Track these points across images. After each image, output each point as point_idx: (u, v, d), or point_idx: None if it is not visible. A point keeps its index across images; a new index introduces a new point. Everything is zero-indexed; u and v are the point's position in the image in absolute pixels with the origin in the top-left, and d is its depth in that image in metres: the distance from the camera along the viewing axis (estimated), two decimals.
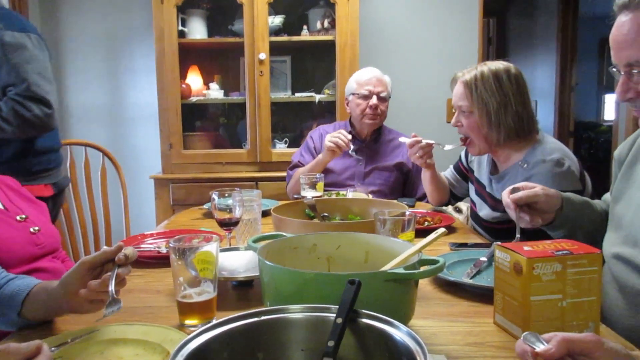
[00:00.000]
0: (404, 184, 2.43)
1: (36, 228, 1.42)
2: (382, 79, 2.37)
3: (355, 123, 2.43)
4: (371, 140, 2.42)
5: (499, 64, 1.64)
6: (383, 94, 2.34)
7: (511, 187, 1.27)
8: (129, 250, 0.94)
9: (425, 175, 2.00)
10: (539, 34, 5.71)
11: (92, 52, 3.34)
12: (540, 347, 0.64)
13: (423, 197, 2.25)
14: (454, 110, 1.75)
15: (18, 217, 1.40)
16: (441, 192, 2.02)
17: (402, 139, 2.03)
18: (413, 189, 2.42)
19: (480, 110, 1.61)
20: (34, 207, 1.51)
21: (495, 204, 1.68)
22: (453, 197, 2.06)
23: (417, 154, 1.89)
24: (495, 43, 5.91)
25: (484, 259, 1.28)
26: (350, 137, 2.17)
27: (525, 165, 1.58)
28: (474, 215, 1.84)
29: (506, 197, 1.24)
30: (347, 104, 2.44)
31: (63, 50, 3.33)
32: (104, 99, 3.39)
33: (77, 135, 3.32)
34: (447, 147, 1.88)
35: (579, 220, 1.28)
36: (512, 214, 1.24)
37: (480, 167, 1.84)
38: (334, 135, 2.16)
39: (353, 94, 2.38)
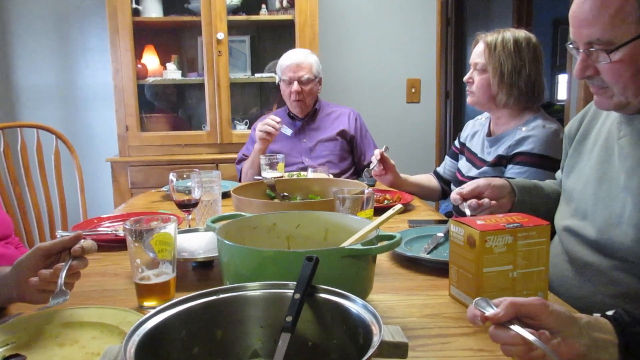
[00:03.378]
0: (350, 151, 2.48)
1: None
2: (301, 63, 2.37)
3: (289, 108, 2.48)
4: (309, 118, 2.47)
5: (521, 32, 1.73)
6: (305, 77, 2.35)
7: (456, 189, 1.31)
8: (87, 243, 0.91)
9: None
10: (496, 15, 5.80)
11: (42, 30, 3.20)
12: (489, 312, 0.67)
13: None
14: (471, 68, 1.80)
15: None
16: (421, 190, 2.04)
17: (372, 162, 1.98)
18: (361, 153, 2.48)
19: (495, 70, 1.69)
20: None
21: (483, 165, 1.76)
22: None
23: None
24: (454, 24, 5.98)
25: (440, 234, 1.31)
26: (279, 119, 2.18)
27: (523, 128, 1.68)
28: (458, 182, 1.87)
29: (453, 194, 1.28)
30: (279, 88, 2.49)
31: (10, 28, 3.18)
32: (56, 79, 3.26)
33: (28, 117, 3.19)
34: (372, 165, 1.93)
35: (534, 204, 1.32)
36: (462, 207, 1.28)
37: (474, 137, 1.90)
38: (263, 123, 2.18)
39: (280, 79, 2.43)
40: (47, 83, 3.25)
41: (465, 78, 1.80)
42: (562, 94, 7.06)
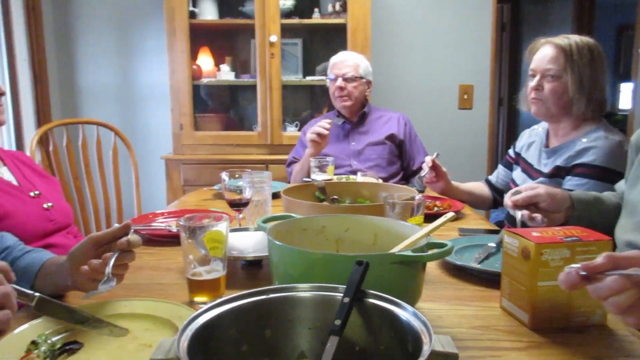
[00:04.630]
0: (399, 155, 2.46)
1: (49, 204, 1.44)
2: (348, 61, 2.42)
3: (336, 108, 2.50)
4: (358, 122, 2.47)
5: (588, 38, 1.64)
6: (349, 75, 2.38)
7: (513, 189, 1.27)
8: (133, 237, 0.94)
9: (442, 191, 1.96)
10: (554, 21, 5.61)
11: (104, 32, 3.34)
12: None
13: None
14: (530, 74, 1.70)
15: (31, 193, 1.42)
16: (473, 198, 2.00)
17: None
18: (410, 158, 2.46)
19: (574, 77, 1.60)
20: (47, 183, 1.52)
21: (539, 176, 1.70)
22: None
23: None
24: (509, 29, 5.84)
25: (492, 244, 1.28)
26: (329, 120, 2.21)
27: (584, 139, 1.60)
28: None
29: (507, 199, 1.24)
30: (329, 90, 2.50)
31: (74, 29, 3.34)
32: (116, 78, 3.39)
33: (89, 115, 3.34)
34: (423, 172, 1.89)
35: (592, 219, 1.27)
36: (512, 212, 1.24)
37: (530, 147, 1.84)
38: (313, 127, 2.19)
39: (328, 78, 2.46)
40: (108, 82, 3.39)
41: (532, 85, 1.67)
42: (623, 103, 6.75)
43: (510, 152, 1.97)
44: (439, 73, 3.36)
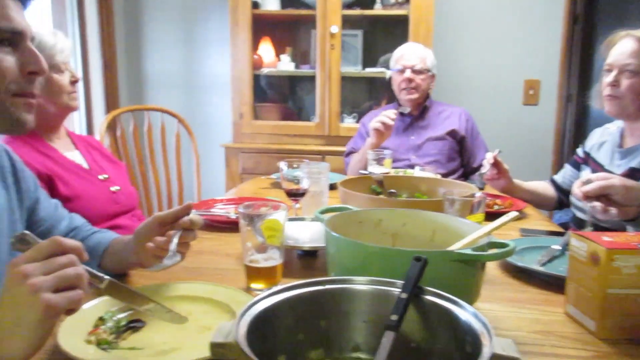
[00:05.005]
0: (460, 152, 2.40)
1: (116, 187, 1.50)
2: (416, 52, 2.37)
3: (400, 101, 2.44)
4: (419, 115, 2.43)
5: None
6: (418, 67, 2.34)
7: (585, 178, 1.20)
8: (195, 217, 0.97)
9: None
10: (634, 14, 5.28)
11: (170, 22, 3.44)
12: None
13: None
14: (605, 69, 1.61)
15: (100, 177, 1.49)
16: (536, 198, 1.92)
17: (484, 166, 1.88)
18: (471, 155, 2.40)
19: None
20: (114, 167, 1.59)
21: None
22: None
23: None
24: (582, 22, 5.53)
25: (557, 247, 1.22)
26: (395, 111, 2.17)
27: None
28: None
29: (575, 188, 1.18)
30: (391, 81, 2.46)
31: (143, 20, 3.46)
32: (180, 67, 3.50)
33: (154, 102, 3.46)
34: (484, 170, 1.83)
35: None
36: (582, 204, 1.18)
37: (602, 147, 1.75)
38: (378, 117, 2.15)
39: (392, 70, 2.42)
40: (172, 70, 3.50)
41: (608, 81, 1.57)
42: None
43: (579, 151, 1.87)
44: (503, 67, 3.24)
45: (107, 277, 0.76)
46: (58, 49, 1.39)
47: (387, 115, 2.12)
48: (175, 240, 0.94)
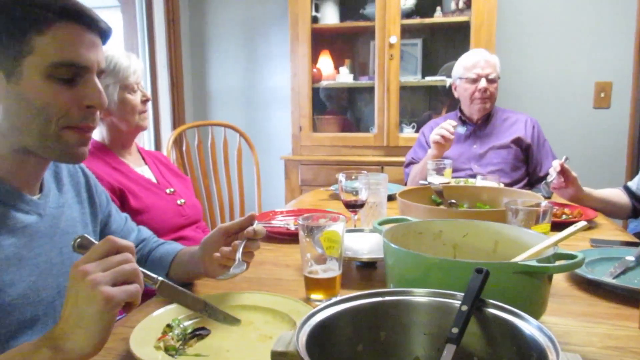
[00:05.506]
0: (525, 160, 2.31)
1: (182, 200, 1.57)
2: (489, 60, 2.28)
3: (465, 109, 2.37)
4: (482, 123, 2.35)
5: None
6: (492, 76, 2.26)
7: None
8: (258, 227, 1.00)
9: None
10: None
11: (233, 39, 3.56)
12: None
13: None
14: None
15: (167, 190, 1.56)
16: (608, 206, 1.82)
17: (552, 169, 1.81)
18: (537, 163, 2.30)
19: None
20: (180, 182, 1.66)
21: None
22: None
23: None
24: None
25: (631, 258, 1.16)
26: (455, 123, 2.10)
27: None
28: None
29: None
30: (455, 89, 2.39)
31: (208, 38, 3.60)
32: (241, 83, 3.60)
33: (217, 117, 3.58)
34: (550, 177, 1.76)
35: None
36: None
37: None
38: (438, 128, 2.11)
39: (460, 78, 2.33)
40: (234, 86, 3.62)
41: None
42: None
43: None
44: (572, 69, 3.10)
45: (160, 277, 0.80)
46: (132, 71, 1.48)
47: (446, 128, 2.08)
48: (241, 249, 0.97)
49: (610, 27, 3.03)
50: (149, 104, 1.56)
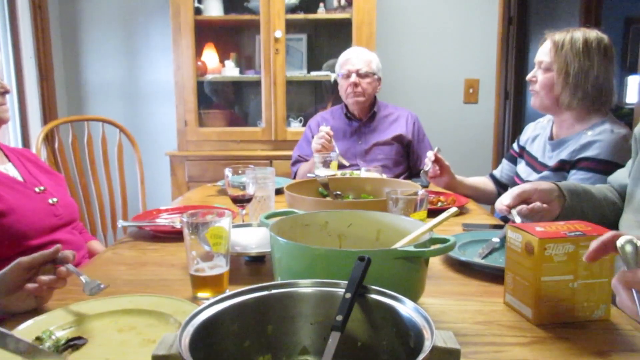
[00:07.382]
0: (406, 155, 2.45)
1: (54, 199, 1.44)
2: (361, 56, 2.39)
3: (347, 105, 2.47)
4: (367, 120, 2.45)
5: (592, 32, 1.65)
6: (363, 71, 2.35)
7: (502, 197, 1.27)
8: (64, 253, 0.95)
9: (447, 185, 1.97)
10: (562, 14, 5.56)
11: (109, 29, 3.34)
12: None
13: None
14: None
15: (36, 189, 1.43)
16: (477, 193, 2.00)
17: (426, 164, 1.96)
18: (417, 159, 2.44)
19: (560, 70, 1.63)
20: (51, 179, 1.53)
21: (544, 169, 1.70)
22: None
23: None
24: (517, 23, 5.77)
25: (496, 239, 1.27)
26: (327, 128, 2.18)
27: (589, 132, 1.61)
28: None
29: (498, 205, 1.26)
30: (339, 87, 2.47)
31: (80, 27, 3.34)
32: (121, 75, 3.40)
33: (94, 112, 3.35)
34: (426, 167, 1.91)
35: (584, 210, 1.28)
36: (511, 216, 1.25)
37: (535, 140, 1.84)
38: (316, 137, 2.18)
39: (338, 74, 2.43)
40: (113, 79, 3.40)
41: (528, 77, 1.73)
42: (631, 96, 6.67)
43: (515, 146, 1.96)
44: (445, 67, 3.34)
45: None
46: None
47: (323, 137, 2.15)
48: (81, 273, 0.95)
49: (476, 30, 3.30)
50: (11, 97, 1.41)
